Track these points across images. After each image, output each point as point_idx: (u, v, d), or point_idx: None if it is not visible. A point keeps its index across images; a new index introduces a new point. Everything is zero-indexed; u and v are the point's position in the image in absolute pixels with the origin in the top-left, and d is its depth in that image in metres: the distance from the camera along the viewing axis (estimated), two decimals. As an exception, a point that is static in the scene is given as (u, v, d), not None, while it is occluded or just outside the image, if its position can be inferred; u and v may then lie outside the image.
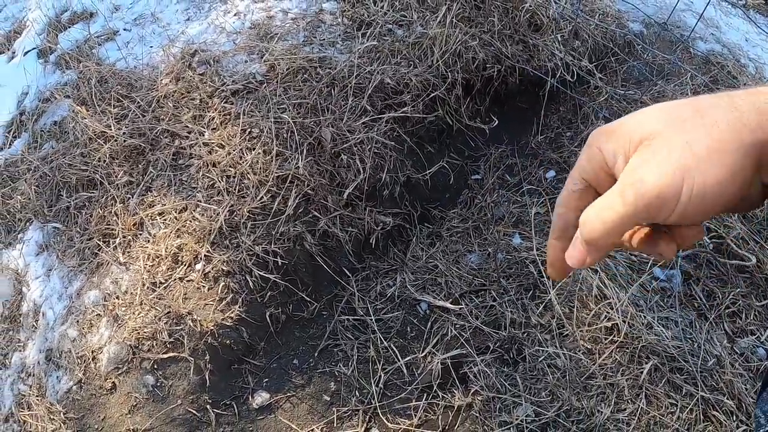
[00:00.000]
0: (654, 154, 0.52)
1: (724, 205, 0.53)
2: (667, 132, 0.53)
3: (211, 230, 2.08)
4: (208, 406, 1.96)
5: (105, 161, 2.31)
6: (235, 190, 2.15)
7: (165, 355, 1.96)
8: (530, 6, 2.51)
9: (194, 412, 1.94)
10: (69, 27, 3.00)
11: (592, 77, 2.66)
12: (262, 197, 2.13)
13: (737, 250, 2.22)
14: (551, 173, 2.45)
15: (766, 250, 2.26)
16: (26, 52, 2.99)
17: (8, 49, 3.13)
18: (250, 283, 2.06)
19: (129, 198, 2.23)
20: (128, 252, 2.14)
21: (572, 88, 2.64)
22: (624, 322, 1.98)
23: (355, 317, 2.19)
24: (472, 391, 1.96)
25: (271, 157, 2.18)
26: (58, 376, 2.05)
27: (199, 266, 2.05)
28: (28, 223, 2.40)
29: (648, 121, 0.54)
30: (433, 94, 2.40)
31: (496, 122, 2.57)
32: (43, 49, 2.95)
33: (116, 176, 2.27)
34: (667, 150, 0.52)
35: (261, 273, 2.07)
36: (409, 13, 2.54)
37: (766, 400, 0.71)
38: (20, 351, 2.20)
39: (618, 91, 2.63)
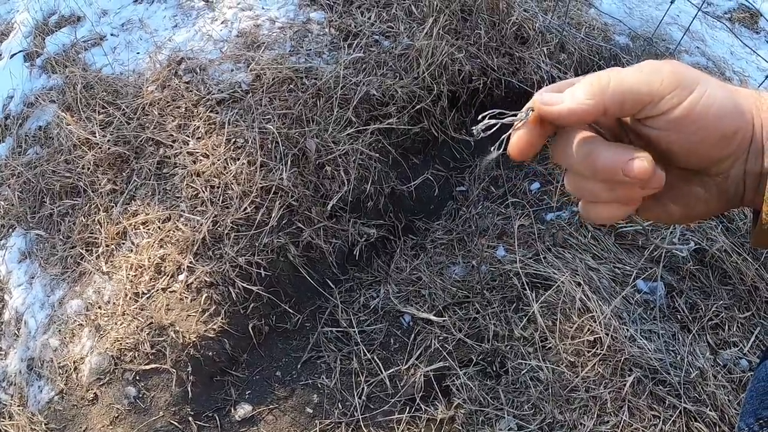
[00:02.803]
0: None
1: (716, 139, 0.55)
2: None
3: (194, 241, 2.07)
4: (190, 418, 1.95)
5: (89, 169, 2.30)
6: (218, 200, 2.14)
7: (147, 367, 1.95)
8: (517, 19, 2.52)
9: (176, 424, 1.94)
10: (56, 30, 2.98)
11: (578, 89, 2.66)
12: (246, 208, 2.12)
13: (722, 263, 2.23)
14: (536, 185, 2.45)
15: (749, 263, 2.28)
16: (13, 55, 2.97)
17: (-6, 52, 3.11)
18: (233, 295, 2.06)
19: (113, 206, 2.22)
20: (111, 261, 2.13)
21: (558, 100, 2.64)
22: (607, 335, 1.99)
23: (339, 329, 2.19)
24: (454, 404, 1.96)
25: (256, 168, 2.17)
26: (39, 386, 2.04)
27: (181, 277, 2.04)
28: (10, 230, 2.39)
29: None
30: (418, 106, 2.40)
31: (482, 134, 2.57)
32: (30, 52, 2.93)
33: (100, 184, 2.26)
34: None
35: (244, 284, 2.06)
36: (395, 24, 2.55)
37: (748, 412, 0.71)
38: (1, 360, 2.19)
39: (604, 103, 2.63)
